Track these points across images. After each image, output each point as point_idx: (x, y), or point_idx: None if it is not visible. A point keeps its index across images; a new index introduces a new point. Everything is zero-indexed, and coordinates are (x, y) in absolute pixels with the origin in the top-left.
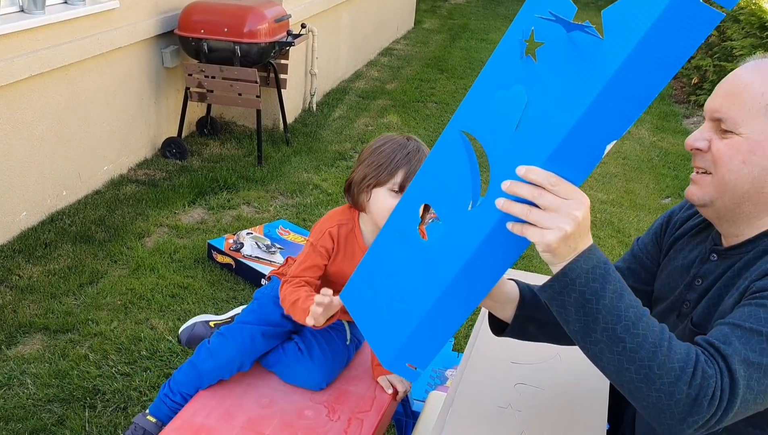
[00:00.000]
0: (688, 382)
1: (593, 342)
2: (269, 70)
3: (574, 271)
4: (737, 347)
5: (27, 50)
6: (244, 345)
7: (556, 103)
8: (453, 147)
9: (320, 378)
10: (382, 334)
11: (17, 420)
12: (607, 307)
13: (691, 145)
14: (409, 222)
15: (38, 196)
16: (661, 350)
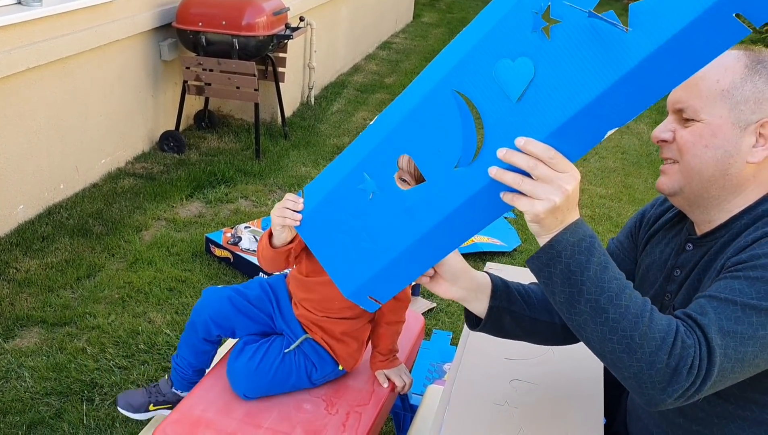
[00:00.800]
0: (669, 351)
1: (578, 313)
2: (267, 63)
3: (560, 243)
4: (713, 317)
5: (25, 42)
6: (212, 301)
7: (566, 83)
8: (444, 105)
9: (239, 385)
10: (345, 267)
11: (15, 413)
12: (591, 279)
13: (657, 138)
14: (386, 169)
15: (35, 189)
16: (642, 321)
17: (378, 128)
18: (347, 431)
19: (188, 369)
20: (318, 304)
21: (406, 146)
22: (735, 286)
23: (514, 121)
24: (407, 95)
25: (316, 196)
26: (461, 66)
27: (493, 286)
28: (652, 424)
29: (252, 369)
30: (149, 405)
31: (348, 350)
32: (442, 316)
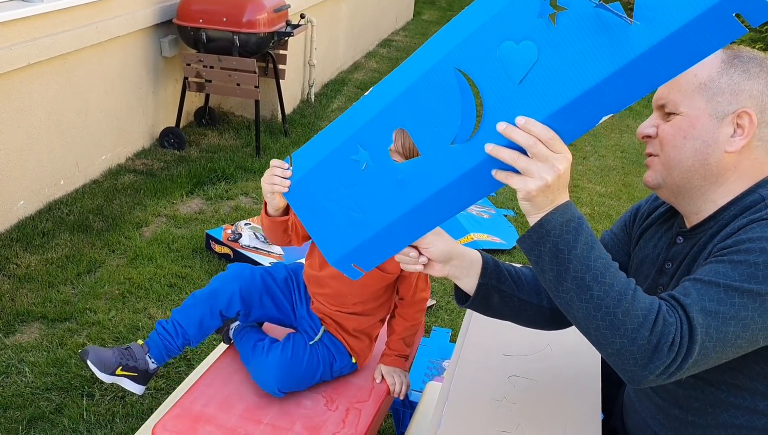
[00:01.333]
0: (650, 328)
1: (564, 290)
2: (268, 60)
3: (549, 222)
4: (695, 298)
5: (25, 38)
6: (243, 272)
7: (568, 69)
8: (445, 82)
9: (273, 381)
10: (331, 235)
11: (15, 408)
12: (577, 257)
13: (641, 133)
14: (381, 141)
15: (36, 185)
16: (626, 298)
17: (374, 100)
18: (347, 427)
19: (178, 338)
20: (331, 299)
21: (404, 120)
22: (719, 269)
23: (515, 102)
24: (406, 69)
25: (305, 163)
26: (465, 45)
27: (483, 264)
28: (649, 416)
29: (287, 361)
30: (118, 368)
31: (361, 345)
32: (441, 313)
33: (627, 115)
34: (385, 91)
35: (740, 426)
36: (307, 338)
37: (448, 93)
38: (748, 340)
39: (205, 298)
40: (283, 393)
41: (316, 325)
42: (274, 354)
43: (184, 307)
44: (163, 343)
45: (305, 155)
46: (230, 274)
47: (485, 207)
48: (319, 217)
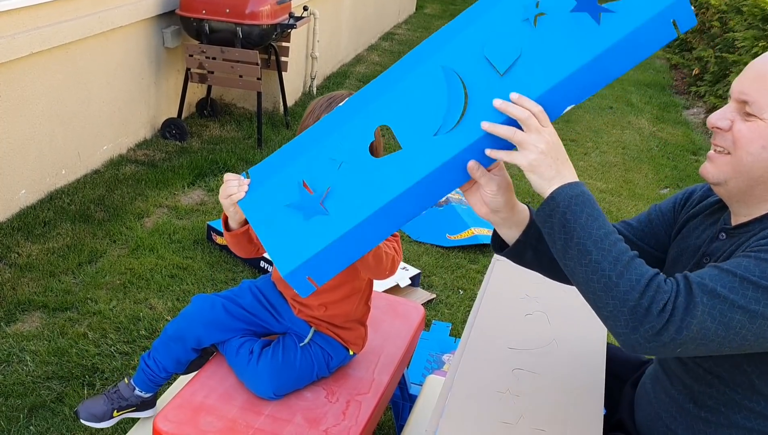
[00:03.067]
0: (642, 290)
1: (569, 257)
2: (270, 52)
3: (560, 195)
4: (707, 279)
5: (28, 27)
6: (203, 310)
7: (546, 63)
8: (431, 78)
9: (267, 386)
10: (288, 245)
11: (16, 396)
12: (581, 226)
13: (713, 124)
14: (361, 139)
15: (37, 174)
16: (621, 262)
17: (354, 105)
18: (347, 419)
19: (162, 372)
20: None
21: (387, 116)
22: (742, 262)
23: (498, 92)
24: (389, 74)
25: (268, 174)
26: (454, 45)
27: (529, 222)
28: (662, 409)
29: (278, 366)
30: (113, 412)
31: (355, 334)
32: (441, 307)
33: (628, 112)
34: (367, 92)
35: (750, 429)
36: (297, 340)
37: (433, 89)
38: (755, 333)
39: (174, 339)
40: (279, 396)
41: (304, 327)
42: (265, 360)
43: (159, 345)
44: (148, 377)
45: (265, 169)
46: (193, 312)
47: None
48: (276, 227)
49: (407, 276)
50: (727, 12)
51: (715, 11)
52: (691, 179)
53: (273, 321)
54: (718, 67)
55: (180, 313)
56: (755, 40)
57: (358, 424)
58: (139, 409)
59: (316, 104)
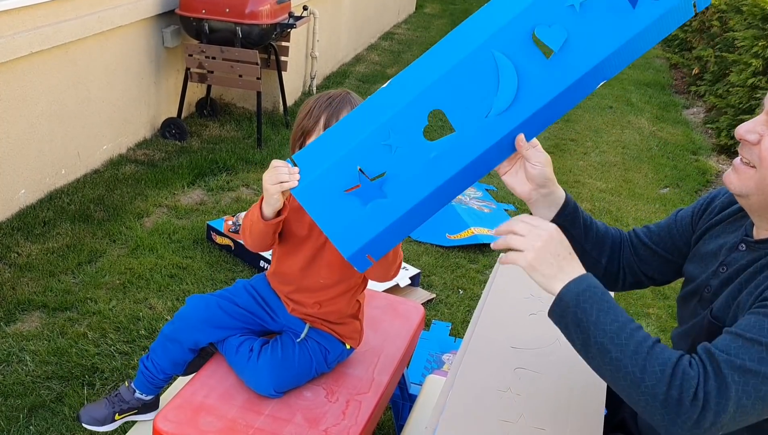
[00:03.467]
0: (668, 382)
1: (591, 357)
2: (270, 52)
3: (567, 294)
4: (733, 355)
5: (28, 27)
6: (198, 309)
7: (588, 45)
8: (483, 64)
9: (267, 383)
10: (347, 229)
11: (16, 396)
12: (594, 323)
13: (740, 136)
14: (416, 123)
15: (37, 174)
16: (641, 355)
17: (405, 88)
18: (347, 419)
19: (160, 374)
20: (304, 291)
21: (440, 101)
22: (764, 324)
23: (545, 74)
24: (437, 57)
25: (317, 161)
26: (504, 30)
27: (564, 204)
28: None
29: (277, 363)
30: (114, 415)
31: (350, 328)
32: (441, 306)
33: (628, 112)
34: (415, 78)
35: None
36: (294, 337)
37: (484, 72)
38: None
39: (171, 340)
40: (280, 394)
41: (299, 324)
42: (265, 357)
43: (156, 347)
44: (147, 380)
45: (311, 156)
46: (188, 312)
47: (486, 201)
48: (333, 213)
49: (407, 276)
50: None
51: (714, 10)
52: (690, 179)
53: (268, 319)
54: (717, 67)
55: (175, 314)
56: (755, 39)
57: (357, 423)
58: (141, 412)
59: (315, 103)
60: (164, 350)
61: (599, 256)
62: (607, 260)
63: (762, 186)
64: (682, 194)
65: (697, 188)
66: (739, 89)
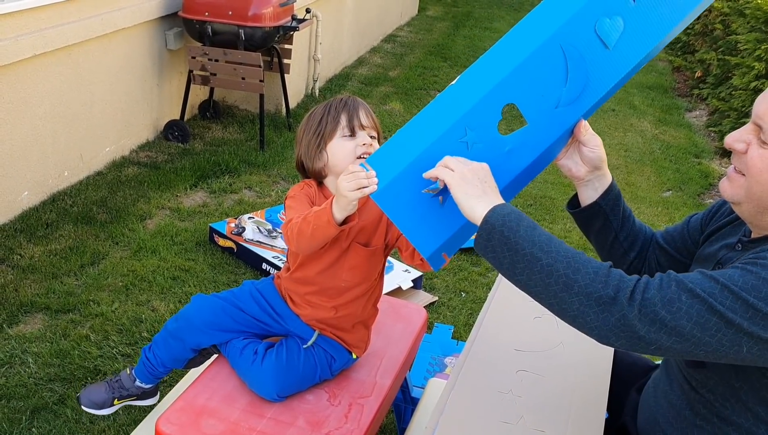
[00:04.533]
0: (603, 280)
1: (520, 271)
2: (273, 54)
3: (492, 216)
4: (688, 280)
5: (32, 29)
6: (203, 311)
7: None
8: (551, 57)
9: (271, 387)
10: (426, 229)
11: (19, 398)
12: (522, 237)
13: (729, 145)
14: (490, 119)
15: (40, 176)
16: (574, 260)
17: (475, 84)
18: (349, 422)
19: (160, 367)
20: (324, 294)
21: (513, 95)
22: (728, 271)
23: (607, 64)
24: (503, 53)
25: (393, 162)
26: (569, 25)
27: (608, 188)
28: (660, 414)
29: (282, 368)
30: (113, 400)
31: (358, 337)
32: (443, 309)
33: (631, 115)
34: (486, 74)
35: None
36: (300, 342)
37: (554, 65)
38: (731, 341)
39: (174, 338)
40: (283, 398)
41: (307, 331)
42: (269, 361)
43: (159, 340)
44: (148, 370)
45: (386, 158)
46: (192, 314)
47: None
48: (412, 213)
49: (409, 278)
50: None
51: (717, 14)
52: (693, 182)
53: (274, 323)
54: (720, 70)
55: (180, 311)
56: (758, 42)
57: (360, 427)
58: (140, 398)
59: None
60: (166, 346)
61: (629, 249)
62: (635, 256)
63: (750, 194)
64: (684, 197)
65: (699, 192)
66: (741, 92)
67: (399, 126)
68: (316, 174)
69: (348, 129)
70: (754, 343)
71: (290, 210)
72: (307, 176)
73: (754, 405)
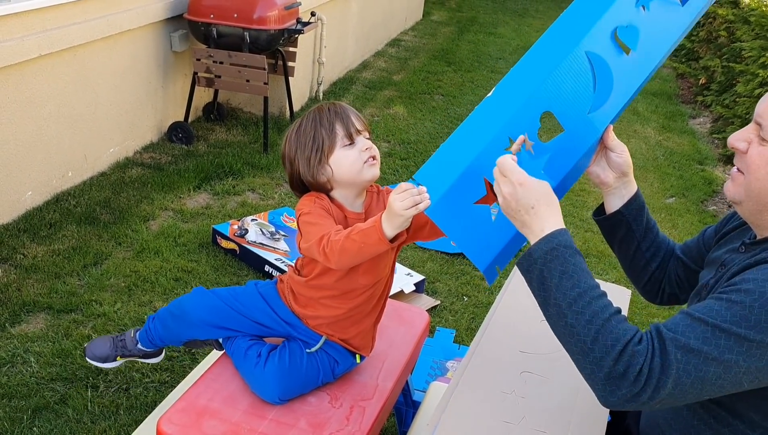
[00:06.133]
0: (616, 357)
1: (549, 316)
2: (277, 57)
3: (535, 251)
4: (680, 334)
5: (37, 30)
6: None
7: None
8: (579, 65)
9: (273, 390)
10: (480, 241)
11: (20, 397)
12: (555, 286)
13: (731, 145)
14: (531, 127)
15: (44, 176)
16: (594, 326)
17: (512, 94)
18: (351, 425)
19: (159, 341)
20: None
21: (548, 102)
22: (714, 307)
23: (630, 68)
24: (534, 62)
25: (443, 177)
26: (593, 33)
27: (633, 197)
28: (660, 415)
29: (284, 371)
30: (117, 356)
31: (364, 340)
32: (445, 313)
33: (634, 121)
34: (521, 82)
35: None
36: (303, 346)
37: (582, 73)
38: (731, 381)
39: (172, 323)
40: (284, 401)
41: (314, 336)
42: (272, 363)
43: (162, 315)
44: (149, 338)
45: (434, 171)
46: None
47: None
48: (466, 227)
49: (411, 282)
50: (734, 22)
51: (722, 21)
52: (696, 188)
53: (275, 325)
54: (724, 77)
55: (181, 299)
56: (762, 50)
57: (361, 429)
58: (143, 358)
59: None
60: (165, 326)
61: (651, 259)
62: (656, 266)
63: (749, 191)
64: (687, 204)
65: (702, 198)
66: (745, 99)
67: (403, 130)
68: (320, 188)
69: (347, 138)
70: (753, 375)
71: (313, 226)
72: (306, 191)
73: (747, 411)
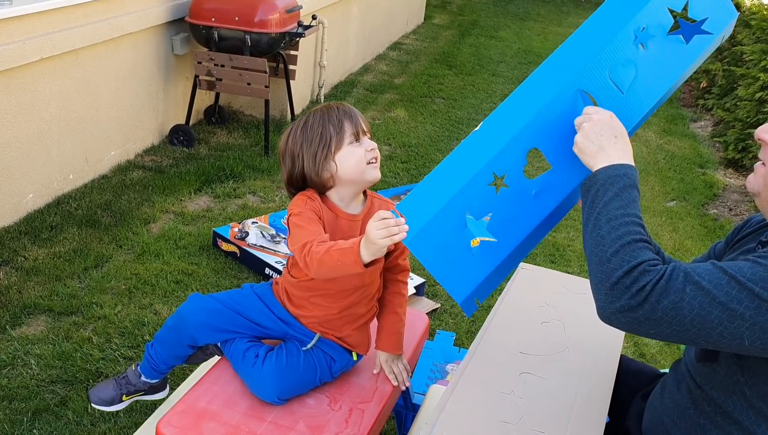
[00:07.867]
0: (627, 270)
1: (586, 229)
2: (278, 60)
3: (601, 173)
4: (696, 273)
5: (39, 33)
6: (198, 312)
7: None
8: (569, 102)
9: (271, 390)
10: (458, 274)
11: (20, 399)
12: (605, 202)
13: (758, 136)
14: (516, 164)
15: (45, 178)
16: (621, 242)
17: (500, 129)
18: (350, 427)
19: (162, 364)
20: (331, 296)
21: (536, 139)
22: (739, 263)
23: (623, 107)
24: (524, 98)
25: (423, 208)
26: (584, 71)
27: None
28: (665, 414)
29: (282, 370)
30: (122, 396)
31: (360, 337)
32: (445, 316)
33: None
34: (510, 118)
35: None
36: (300, 345)
37: (571, 110)
38: (732, 333)
39: (172, 335)
40: (283, 401)
41: (308, 333)
42: (269, 363)
43: (159, 337)
44: (151, 367)
45: (417, 203)
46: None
47: None
48: (444, 260)
49: (412, 285)
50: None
51: None
52: (697, 192)
53: (272, 325)
54: (725, 81)
55: (177, 310)
56: (763, 53)
57: (360, 432)
58: (148, 393)
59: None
60: (165, 343)
61: None
62: None
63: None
64: (688, 208)
65: (703, 202)
66: (747, 103)
67: (404, 133)
68: (320, 185)
69: (354, 136)
70: (756, 334)
71: (300, 229)
72: (300, 190)
73: (757, 401)
